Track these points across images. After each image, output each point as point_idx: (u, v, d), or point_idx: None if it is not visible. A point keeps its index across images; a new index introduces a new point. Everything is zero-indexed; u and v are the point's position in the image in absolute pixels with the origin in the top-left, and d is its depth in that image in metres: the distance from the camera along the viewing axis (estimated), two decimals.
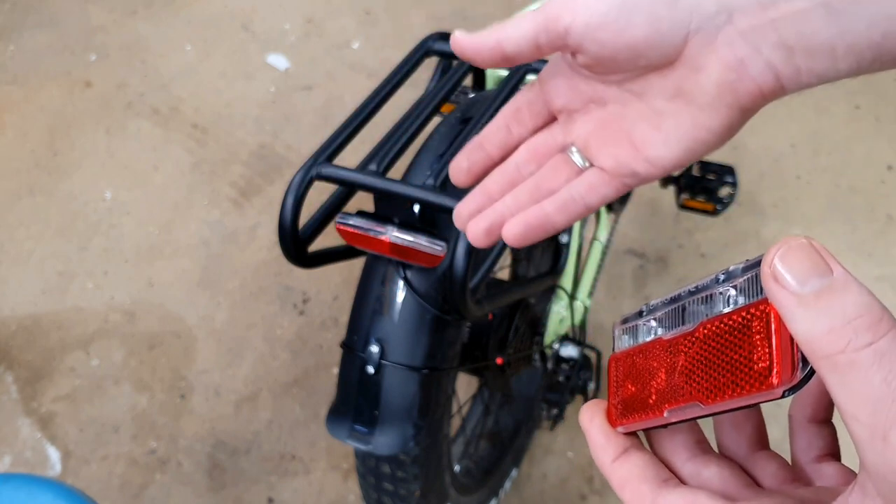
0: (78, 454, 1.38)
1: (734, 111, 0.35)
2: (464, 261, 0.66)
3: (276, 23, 2.22)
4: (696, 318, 0.29)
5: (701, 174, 1.44)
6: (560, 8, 0.35)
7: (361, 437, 0.80)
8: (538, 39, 0.36)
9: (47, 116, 1.96)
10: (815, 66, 0.33)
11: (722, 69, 0.34)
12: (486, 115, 0.74)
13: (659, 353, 0.30)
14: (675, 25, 0.34)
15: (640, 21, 0.34)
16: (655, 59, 0.35)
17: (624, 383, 0.31)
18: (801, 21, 0.31)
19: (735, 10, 0.33)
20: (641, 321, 0.32)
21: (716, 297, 0.28)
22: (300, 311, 1.57)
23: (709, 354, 0.28)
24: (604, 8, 0.34)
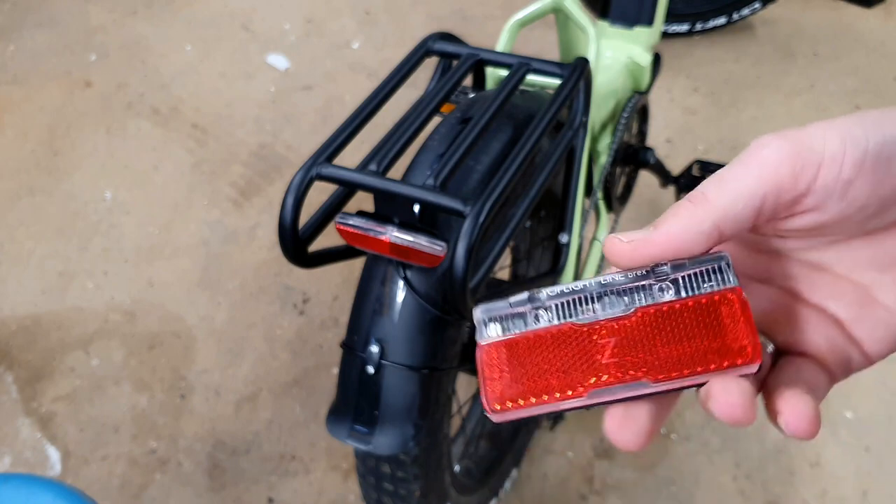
0: (78, 454, 1.38)
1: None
2: (464, 261, 0.66)
3: (276, 23, 2.22)
4: (623, 306, 0.29)
5: (701, 174, 1.44)
6: (791, 160, 0.27)
7: (361, 437, 0.80)
8: (763, 207, 0.28)
9: (47, 116, 1.96)
10: None
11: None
12: (485, 115, 0.73)
13: (567, 337, 0.30)
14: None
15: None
16: (890, 218, 0.28)
17: (510, 369, 0.31)
18: None
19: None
20: (527, 309, 0.31)
21: (648, 288, 0.29)
22: (300, 311, 1.57)
23: (657, 336, 0.29)
24: (858, 154, 0.27)
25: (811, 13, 2.22)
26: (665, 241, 0.28)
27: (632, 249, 0.29)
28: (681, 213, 0.28)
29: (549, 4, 1.04)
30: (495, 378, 0.31)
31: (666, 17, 1.29)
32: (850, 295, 0.30)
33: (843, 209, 0.28)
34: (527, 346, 0.31)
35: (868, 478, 1.31)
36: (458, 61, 0.82)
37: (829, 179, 0.27)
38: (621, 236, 0.29)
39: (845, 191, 0.27)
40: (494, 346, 0.31)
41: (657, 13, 1.21)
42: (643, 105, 1.34)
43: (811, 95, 1.99)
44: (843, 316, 0.30)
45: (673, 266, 0.29)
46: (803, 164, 0.27)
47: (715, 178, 0.29)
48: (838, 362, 0.31)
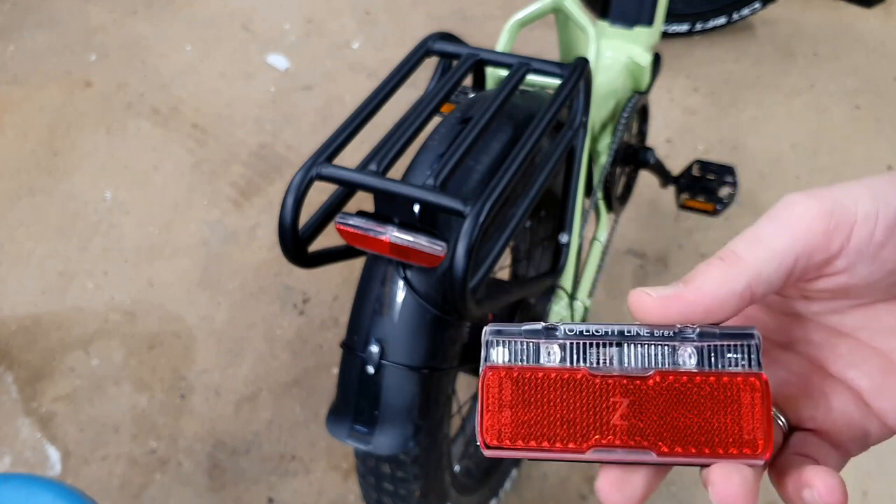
0: (78, 454, 1.38)
1: None
2: (464, 261, 0.66)
3: (276, 23, 2.22)
4: (642, 364, 0.28)
5: (701, 174, 1.44)
6: (824, 220, 0.26)
7: (361, 437, 0.80)
8: (795, 268, 0.27)
9: (47, 116, 1.96)
10: None
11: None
12: (485, 115, 0.73)
13: (579, 386, 0.28)
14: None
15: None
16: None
17: (513, 405, 0.29)
18: None
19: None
20: (541, 340, 0.29)
21: (671, 350, 0.28)
22: (300, 311, 1.57)
23: (671, 407, 0.28)
24: (891, 216, 0.26)
25: (811, 13, 2.22)
26: (696, 300, 0.27)
27: (660, 305, 0.27)
28: (713, 273, 0.27)
29: (549, 4, 1.04)
30: (495, 411, 0.29)
31: (666, 17, 1.29)
32: (873, 363, 0.29)
33: (872, 272, 0.27)
34: (535, 383, 0.29)
35: (868, 478, 1.31)
36: (458, 61, 0.82)
37: (861, 241, 0.26)
38: (650, 290, 0.28)
39: (877, 253, 0.27)
40: (501, 374, 0.29)
41: (657, 13, 1.21)
42: (643, 105, 1.34)
43: (811, 95, 1.99)
44: (864, 386, 0.30)
45: (701, 332, 0.28)
46: (836, 225, 0.26)
47: (747, 237, 0.28)
48: (854, 439, 0.30)
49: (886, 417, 0.29)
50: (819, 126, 1.92)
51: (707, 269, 0.27)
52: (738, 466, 0.26)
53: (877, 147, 1.87)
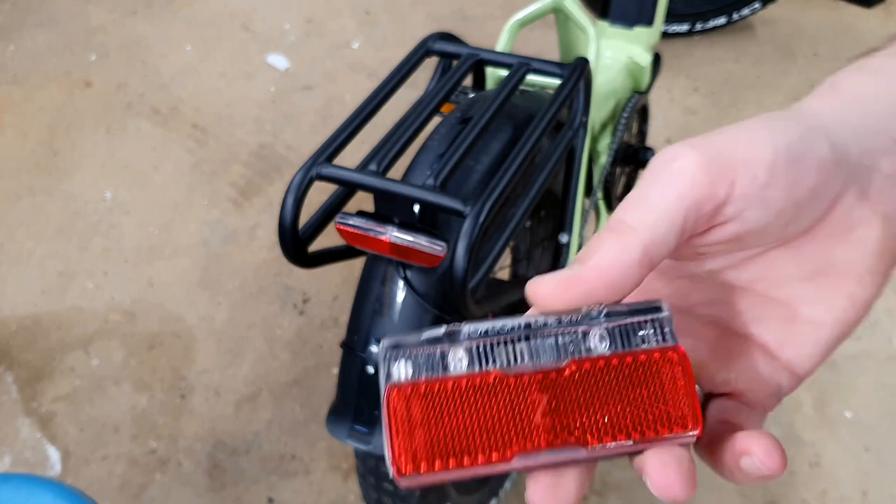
0: (78, 454, 1.38)
1: (888, 273, 0.28)
2: (464, 261, 0.66)
3: (276, 23, 2.22)
4: (554, 356, 0.26)
5: None
6: (705, 170, 0.26)
7: (361, 437, 0.80)
8: (686, 224, 0.26)
9: (47, 116, 1.96)
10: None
11: (881, 223, 0.27)
12: (485, 115, 0.73)
13: (493, 389, 0.26)
14: (838, 174, 0.27)
15: (811, 168, 0.26)
16: (807, 222, 0.27)
17: (424, 423, 0.26)
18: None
19: (876, 151, 0.28)
20: (444, 347, 0.27)
21: (581, 336, 0.26)
22: (300, 311, 1.57)
23: (592, 395, 0.26)
24: (769, 156, 0.26)
25: (811, 13, 2.22)
26: (595, 279, 0.25)
27: (560, 292, 0.26)
28: (607, 246, 0.26)
29: (549, 4, 1.04)
30: (406, 433, 0.26)
31: (666, 17, 1.29)
32: (775, 314, 0.29)
33: (761, 216, 0.26)
34: (444, 395, 0.26)
35: (868, 478, 1.31)
36: (458, 61, 0.82)
37: (745, 185, 0.26)
38: (545, 277, 0.26)
39: (763, 195, 0.26)
40: (404, 391, 0.26)
41: (657, 13, 1.21)
42: (643, 105, 1.34)
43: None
44: (770, 339, 0.29)
45: (608, 313, 0.26)
46: (718, 172, 0.26)
47: (633, 202, 0.26)
48: (769, 395, 0.29)
49: (794, 367, 0.29)
50: None
51: (600, 243, 0.26)
52: (672, 451, 0.25)
53: None
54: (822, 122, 0.28)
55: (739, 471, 0.26)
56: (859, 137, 0.28)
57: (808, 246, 0.28)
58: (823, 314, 0.28)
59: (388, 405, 0.26)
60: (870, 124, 0.28)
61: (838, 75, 0.30)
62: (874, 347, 1.48)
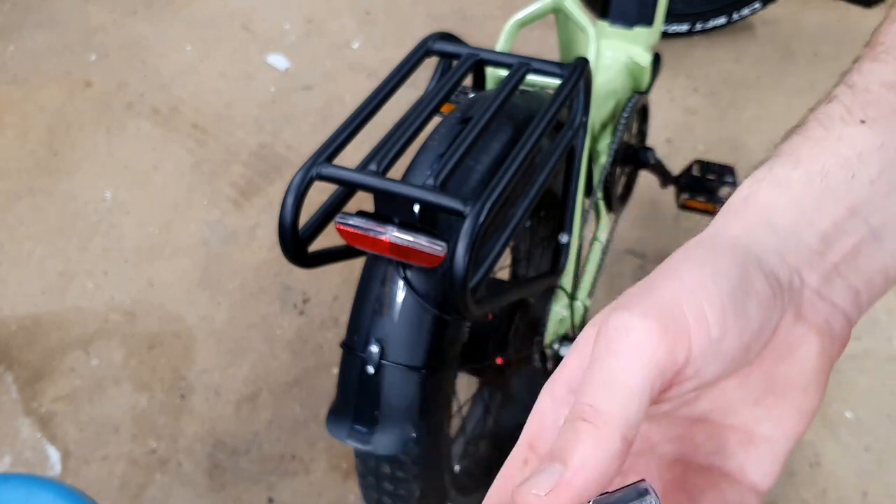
0: (78, 454, 1.38)
1: (827, 379, 0.29)
2: (464, 261, 0.66)
3: (276, 23, 2.22)
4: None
5: (701, 174, 1.44)
6: (661, 338, 0.26)
7: (361, 437, 0.80)
8: (652, 395, 0.26)
9: (47, 116, 1.96)
10: (874, 295, 0.30)
11: (818, 338, 0.28)
12: (485, 115, 0.73)
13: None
14: (776, 305, 0.27)
15: (754, 308, 0.27)
16: (753, 355, 0.28)
17: None
18: (856, 257, 0.29)
19: (801, 267, 0.28)
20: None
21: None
22: (300, 311, 1.57)
23: None
24: (717, 310, 0.26)
25: (811, 13, 2.22)
26: (583, 480, 0.24)
27: (550, 500, 0.25)
28: (586, 442, 0.25)
29: (549, 4, 1.04)
30: None
31: (666, 17, 1.29)
32: (732, 440, 0.29)
33: (717, 367, 0.27)
34: None
35: (868, 478, 1.31)
36: (458, 61, 0.83)
37: (701, 344, 0.26)
38: (532, 487, 0.25)
39: (717, 350, 0.26)
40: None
41: (657, 13, 1.21)
42: (643, 105, 1.34)
43: (811, 95, 1.98)
44: (732, 466, 0.29)
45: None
46: (674, 339, 0.26)
47: (597, 383, 0.26)
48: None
49: (758, 485, 0.29)
50: None
51: (577, 437, 0.25)
52: None
53: None
54: (751, 250, 0.28)
55: None
56: (783, 258, 0.28)
57: (755, 372, 0.28)
58: (776, 430, 0.29)
59: None
60: (790, 241, 0.29)
61: (748, 188, 0.31)
62: (874, 347, 1.48)
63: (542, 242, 1.17)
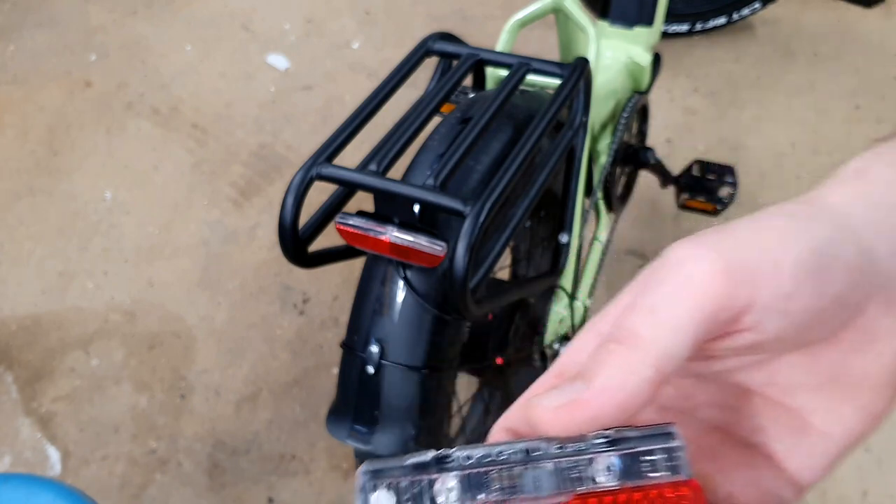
0: (78, 454, 1.38)
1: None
2: (464, 261, 0.66)
3: (276, 23, 2.22)
4: (553, 487, 0.23)
5: (701, 174, 1.44)
6: (724, 276, 0.23)
7: (361, 437, 0.80)
8: (700, 335, 0.23)
9: (47, 116, 1.96)
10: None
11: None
12: (485, 115, 0.73)
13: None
14: (864, 281, 0.24)
15: (838, 276, 0.24)
16: (827, 331, 0.25)
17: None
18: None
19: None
20: (432, 476, 0.24)
21: (584, 465, 0.23)
22: (300, 311, 1.57)
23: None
24: (794, 264, 0.23)
25: (811, 13, 2.22)
26: (603, 402, 0.23)
27: (564, 415, 0.23)
28: (615, 363, 0.23)
29: (549, 4, 1.04)
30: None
31: (666, 17, 1.29)
32: (784, 423, 0.27)
33: (781, 326, 0.24)
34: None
35: (868, 478, 1.31)
36: (458, 61, 0.82)
37: (767, 296, 0.23)
38: (545, 399, 0.23)
39: (785, 307, 0.23)
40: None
41: (657, 13, 1.21)
42: (643, 105, 1.34)
43: (811, 95, 1.99)
44: (776, 449, 0.27)
45: (614, 440, 0.24)
46: (737, 281, 0.23)
47: (642, 309, 0.24)
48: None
49: (799, 479, 0.27)
50: (819, 126, 1.92)
51: (607, 358, 0.23)
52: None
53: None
54: (849, 220, 0.25)
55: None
56: (885, 238, 0.25)
57: (825, 353, 0.26)
58: (834, 425, 0.26)
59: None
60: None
61: (862, 160, 0.27)
62: None
63: (542, 242, 1.17)
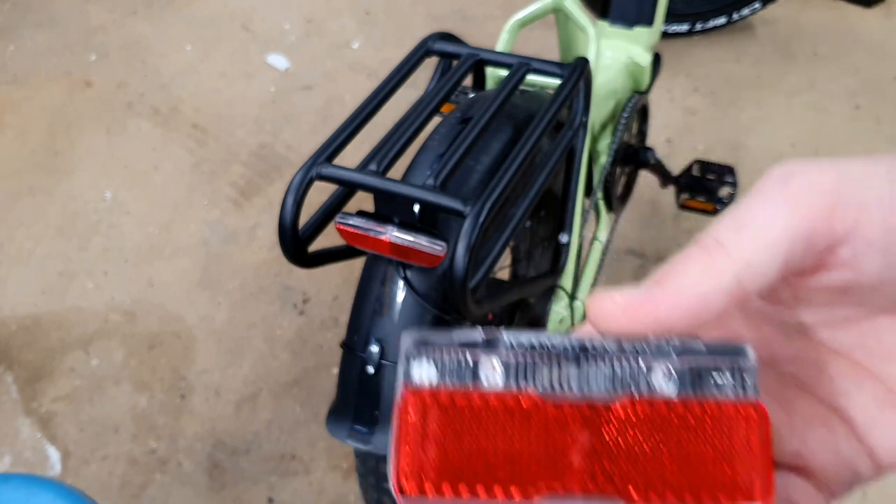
0: (78, 454, 1.38)
1: None
2: (464, 261, 0.66)
3: (276, 23, 2.22)
4: (607, 386, 0.22)
5: (701, 174, 1.44)
6: (825, 197, 0.21)
7: (361, 436, 0.80)
8: (792, 257, 0.22)
9: (47, 116, 1.96)
10: None
11: None
12: (485, 115, 0.73)
13: (527, 415, 0.22)
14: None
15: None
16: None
17: (440, 438, 0.22)
18: None
19: None
20: (479, 355, 0.23)
21: (644, 369, 0.22)
22: (300, 311, 1.57)
23: (645, 441, 0.22)
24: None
25: (811, 13, 2.22)
26: (673, 303, 0.21)
27: (627, 313, 0.22)
28: (692, 266, 0.22)
29: (549, 4, 1.04)
30: (416, 446, 0.22)
31: (666, 17, 1.29)
32: (869, 391, 0.25)
33: (882, 269, 0.22)
34: (469, 410, 0.22)
35: None
36: (458, 61, 0.82)
37: (871, 228, 0.21)
38: (614, 294, 0.22)
39: (889, 245, 0.21)
40: (422, 397, 0.22)
41: (657, 13, 1.21)
42: (643, 105, 1.34)
43: (811, 95, 1.99)
44: (857, 417, 0.25)
45: (681, 348, 0.22)
46: (842, 203, 0.21)
47: (732, 220, 0.22)
48: (843, 479, 0.25)
49: (879, 455, 0.25)
50: (819, 126, 1.92)
51: (686, 262, 0.22)
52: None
53: (877, 147, 1.87)
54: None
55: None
56: None
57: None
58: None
59: (402, 410, 0.22)
60: None
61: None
62: None
63: (542, 242, 1.17)
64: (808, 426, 0.25)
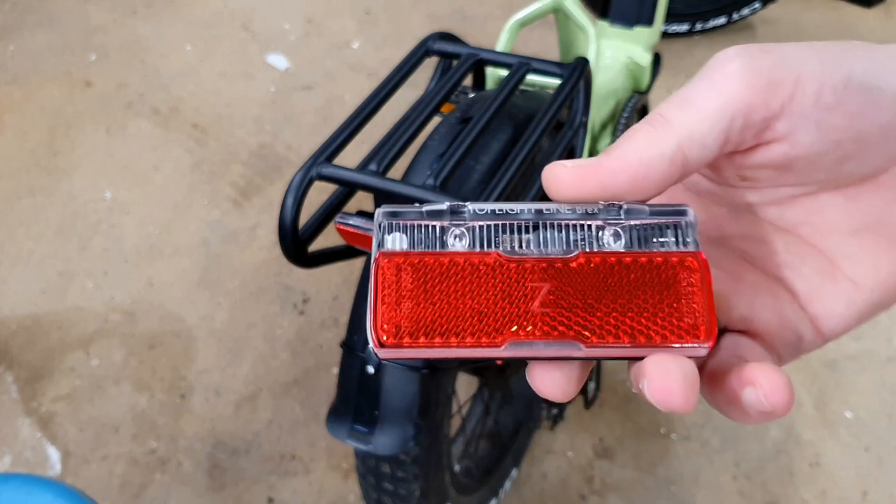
0: (78, 454, 1.38)
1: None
2: None
3: (276, 23, 2.22)
4: (562, 246, 0.25)
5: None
6: (762, 76, 0.23)
7: (361, 436, 0.80)
8: (731, 130, 0.23)
9: (47, 116, 1.96)
10: None
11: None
12: (485, 115, 0.73)
13: (491, 271, 0.25)
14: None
15: (887, 103, 0.23)
16: (868, 167, 0.24)
17: (413, 296, 0.25)
18: None
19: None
20: (445, 222, 0.25)
21: (595, 229, 0.25)
22: (300, 311, 1.57)
23: (598, 291, 0.24)
24: (840, 77, 0.23)
25: (811, 13, 2.22)
26: (619, 168, 0.23)
27: (577, 178, 0.24)
28: (638, 137, 0.23)
29: (549, 4, 1.04)
30: (391, 303, 0.24)
31: (666, 17, 1.29)
32: (812, 264, 0.27)
33: (816, 142, 0.23)
34: (438, 270, 0.25)
35: (868, 478, 1.31)
36: (458, 61, 0.82)
37: (805, 101, 0.23)
38: (564, 163, 0.24)
39: (822, 119, 0.23)
40: (395, 259, 0.25)
41: (657, 13, 1.21)
42: (643, 105, 1.34)
43: None
44: (801, 288, 0.27)
45: (628, 210, 0.25)
46: (777, 80, 0.23)
47: (676, 98, 0.24)
48: (788, 343, 0.27)
49: (822, 324, 0.26)
50: None
51: (632, 134, 0.24)
52: (676, 359, 0.23)
53: None
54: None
55: (738, 403, 0.24)
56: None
57: (865, 196, 0.25)
58: (865, 275, 0.26)
59: (377, 273, 0.25)
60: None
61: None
62: (874, 347, 1.48)
63: None
64: (755, 293, 0.27)
